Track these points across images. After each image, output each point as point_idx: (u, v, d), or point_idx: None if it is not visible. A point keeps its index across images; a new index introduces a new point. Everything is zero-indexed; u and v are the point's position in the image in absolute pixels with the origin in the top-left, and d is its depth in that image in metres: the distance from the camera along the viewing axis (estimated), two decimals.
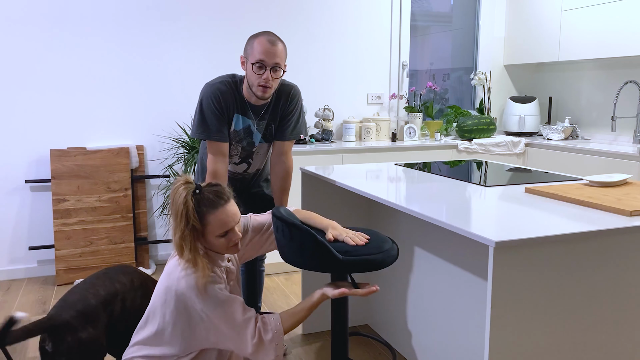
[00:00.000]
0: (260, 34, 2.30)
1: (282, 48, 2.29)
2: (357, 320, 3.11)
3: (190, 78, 4.17)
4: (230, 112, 2.41)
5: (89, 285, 1.99)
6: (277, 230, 1.94)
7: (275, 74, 2.30)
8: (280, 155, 2.53)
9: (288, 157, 2.54)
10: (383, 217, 2.86)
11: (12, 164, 3.87)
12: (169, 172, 4.15)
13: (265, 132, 2.50)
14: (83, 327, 1.86)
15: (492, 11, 4.90)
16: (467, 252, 2.22)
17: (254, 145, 2.51)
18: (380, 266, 1.89)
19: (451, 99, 5.06)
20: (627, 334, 1.78)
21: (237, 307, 1.79)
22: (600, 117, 4.50)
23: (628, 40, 3.81)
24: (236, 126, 2.44)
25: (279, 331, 1.82)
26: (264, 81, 2.28)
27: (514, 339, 1.60)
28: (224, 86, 2.38)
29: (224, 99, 2.37)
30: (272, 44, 2.25)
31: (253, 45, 2.28)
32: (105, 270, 2.09)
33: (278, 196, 2.55)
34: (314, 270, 1.89)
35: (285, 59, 2.32)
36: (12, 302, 3.50)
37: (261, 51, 2.25)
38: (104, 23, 3.94)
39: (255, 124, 2.46)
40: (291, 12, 4.34)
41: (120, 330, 2.04)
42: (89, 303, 1.91)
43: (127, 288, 2.07)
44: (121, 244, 3.94)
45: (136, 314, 2.08)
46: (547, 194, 2.10)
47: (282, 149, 2.53)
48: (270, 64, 2.26)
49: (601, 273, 1.69)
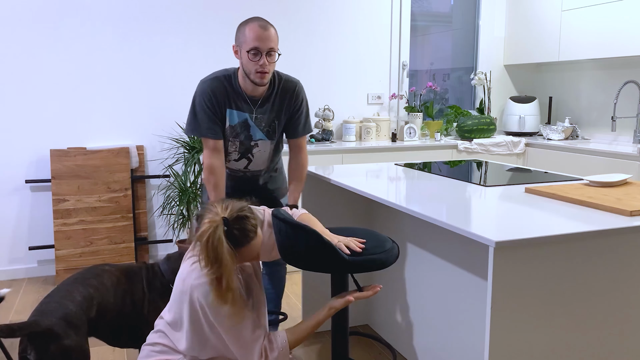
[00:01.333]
0: (250, 20, 2.28)
1: (274, 32, 2.28)
2: (357, 320, 3.11)
3: (190, 78, 4.17)
4: (223, 108, 2.39)
5: (64, 292, 1.94)
6: (280, 233, 1.92)
7: (270, 59, 2.28)
8: (296, 151, 2.55)
9: (303, 152, 2.56)
10: (383, 217, 2.86)
11: (12, 164, 3.87)
12: (169, 172, 4.15)
13: (268, 129, 2.47)
14: (66, 333, 1.81)
15: (492, 11, 4.90)
16: (467, 252, 2.21)
17: (251, 139, 2.47)
18: (384, 265, 1.90)
19: (451, 99, 5.06)
20: (627, 334, 1.78)
21: (247, 323, 1.78)
22: (600, 117, 4.50)
23: (628, 40, 3.80)
24: (231, 121, 2.42)
25: (284, 349, 1.82)
26: (260, 67, 2.26)
27: (514, 339, 1.60)
28: (216, 82, 2.38)
29: (215, 96, 2.37)
30: (264, 29, 2.24)
31: (245, 33, 2.26)
32: (76, 276, 2.05)
33: (293, 186, 2.54)
34: (319, 271, 1.88)
35: (278, 42, 2.31)
36: (12, 302, 3.50)
37: (254, 37, 2.23)
38: (104, 23, 3.94)
39: (253, 118, 2.43)
40: (291, 12, 4.34)
41: (105, 330, 2.03)
42: (68, 309, 1.87)
43: (102, 290, 2.03)
44: (121, 244, 3.94)
45: (117, 313, 2.06)
46: (547, 194, 2.10)
47: (297, 145, 2.55)
48: (265, 49, 2.24)
49: (601, 273, 1.69)
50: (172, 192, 3.98)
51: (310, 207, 2.90)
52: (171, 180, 4.16)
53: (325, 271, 1.87)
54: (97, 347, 2.87)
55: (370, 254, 1.88)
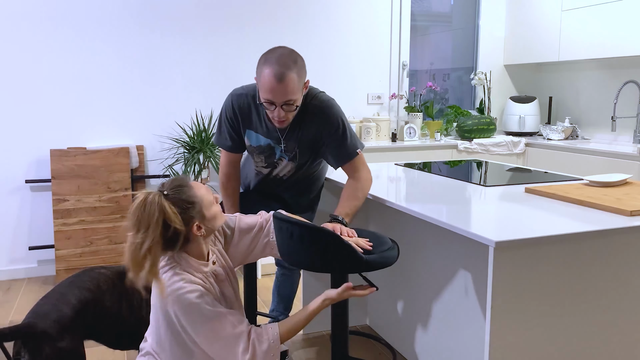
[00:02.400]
0: (270, 60, 1.98)
1: (293, 79, 1.96)
2: (357, 320, 3.11)
3: (190, 78, 4.17)
4: (243, 127, 2.25)
5: (59, 296, 1.92)
6: (291, 236, 1.85)
7: (288, 108, 2.04)
8: (352, 174, 2.24)
9: (358, 173, 2.23)
10: (383, 217, 2.86)
11: (12, 164, 3.87)
12: (169, 172, 4.15)
13: (289, 154, 2.29)
14: (61, 336, 1.79)
15: (492, 11, 4.90)
16: (467, 252, 2.22)
17: (274, 157, 2.32)
18: (393, 262, 1.92)
19: (451, 99, 5.06)
20: (627, 334, 1.78)
21: (225, 323, 1.71)
22: (600, 117, 4.50)
23: (628, 40, 3.80)
24: (251, 142, 2.28)
25: (275, 341, 1.75)
26: (276, 117, 2.06)
27: (514, 339, 1.60)
28: (241, 99, 2.22)
29: (235, 112, 2.23)
30: (279, 81, 1.94)
31: (261, 76, 2.00)
32: (71, 279, 2.03)
33: (342, 200, 2.21)
34: (335, 272, 1.85)
35: (299, 87, 2.01)
36: (12, 302, 3.50)
37: (268, 89, 1.98)
38: (104, 23, 3.94)
39: (280, 146, 2.26)
40: (291, 12, 4.34)
41: (105, 333, 2.03)
42: (63, 313, 1.85)
43: (97, 294, 2.01)
44: (121, 244, 3.94)
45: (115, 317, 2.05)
46: (547, 194, 2.10)
47: (349, 170, 2.24)
48: (280, 103, 2.01)
49: (601, 273, 1.69)
50: None
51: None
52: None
53: (345, 272, 1.86)
54: (97, 347, 2.87)
55: (382, 251, 1.88)
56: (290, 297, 2.82)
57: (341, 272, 1.85)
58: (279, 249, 1.96)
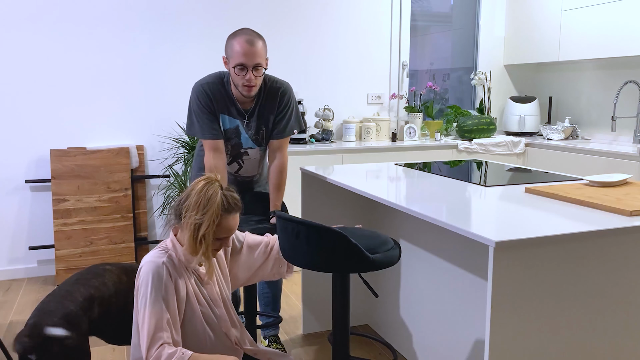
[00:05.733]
0: (238, 33, 2.31)
1: (261, 46, 2.31)
2: (357, 320, 3.11)
3: (190, 78, 4.17)
4: (217, 112, 2.45)
5: (65, 293, 1.93)
6: (297, 236, 1.86)
7: (257, 73, 2.33)
8: (275, 152, 2.56)
9: (283, 153, 2.58)
10: (383, 217, 2.86)
11: (12, 164, 3.87)
12: (169, 172, 4.15)
13: (257, 136, 2.53)
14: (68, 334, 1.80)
15: (492, 11, 4.90)
16: (467, 252, 2.22)
17: (241, 146, 2.53)
18: (396, 261, 1.94)
19: (451, 99, 5.06)
20: (628, 334, 1.78)
21: (153, 319, 1.73)
22: (600, 117, 4.50)
23: (628, 40, 3.81)
24: (224, 126, 2.48)
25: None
26: (247, 82, 2.32)
27: (514, 339, 1.60)
28: (213, 85, 2.43)
29: (210, 99, 2.42)
30: (250, 45, 2.28)
31: (232, 47, 2.30)
32: (77, 277, 2.04)
33: (274, 191, 2.55)
34: (340, 271, 1.87)
35: (265, 55, 2.35)
36: (12, 302, 3.50)
37: (241, 53, 2.28)
38: (104, 23, 3.94)
39: (244, 124, 2.49)
40: (291, 12, 4.34)
41: (110, 329, 2.03)
42: (69, 309, 1.86)
43: (103, 291, 2.03)
44: (121, 244, 3.94)
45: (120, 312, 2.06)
46: (547, 194, 2.10)
47: (277, 145, 2.56)
48: (250, 65, 2.29)
49: (601, 273, 1.69)
50: (172, 192, 3.98)
51: (310, 207, 2.90)
52: (171, 180, 4.16)
53: (351, 271, 1.86)
54: (97, 347, 2.87)
55: (386, 250, 1.90)
56: (276, 297, 2.81)
57: (348, 271, 1.86)
58: (281, 249, 1.97)
